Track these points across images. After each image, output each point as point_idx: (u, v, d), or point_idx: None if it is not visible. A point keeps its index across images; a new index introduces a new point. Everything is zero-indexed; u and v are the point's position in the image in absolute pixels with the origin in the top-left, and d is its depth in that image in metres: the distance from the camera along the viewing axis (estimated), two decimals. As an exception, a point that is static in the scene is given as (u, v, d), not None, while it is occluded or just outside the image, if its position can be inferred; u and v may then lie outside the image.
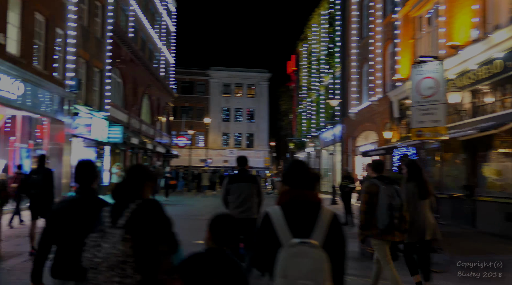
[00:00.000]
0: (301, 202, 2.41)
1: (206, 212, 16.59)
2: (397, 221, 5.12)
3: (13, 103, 14.29)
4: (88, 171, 3.23)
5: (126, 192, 2.67)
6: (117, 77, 26.82)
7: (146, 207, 2.61)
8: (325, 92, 31.84)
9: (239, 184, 6.65)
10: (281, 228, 2.33)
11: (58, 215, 3.09)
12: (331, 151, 30.23)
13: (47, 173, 8.45)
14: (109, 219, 2.55)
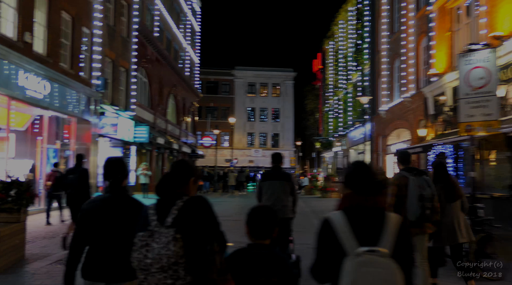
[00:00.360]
0: (366, 208, 2.25)
1: (234, 212, 16.18)
2: (429, 211, 4.95)
3: (40, 103, 14.19)
4: (118, 168, 3.07)
5: (171, 188, 2.56)
6: (142, 77, 26.72)
7: (193, 203, 2.50)
8: (353, 90, 31.08)
9: (272, 181, 6.41)
10: (345, 235, 2.16)
11: (89, 215, 2.96)
12: (360, 150, 29.46)
13: (83, 173, 8.55)
14: (155, 216, 2.45)
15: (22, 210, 7.26)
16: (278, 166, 6.56)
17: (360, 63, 28.25)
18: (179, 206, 2.46)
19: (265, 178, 6.56)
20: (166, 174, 2.64)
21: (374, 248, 2.08)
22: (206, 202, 2.56)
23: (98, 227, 2.90)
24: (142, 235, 2.36)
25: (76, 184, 8.34)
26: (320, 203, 21.77)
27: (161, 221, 2.41)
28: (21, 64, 13.08)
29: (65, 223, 12.12)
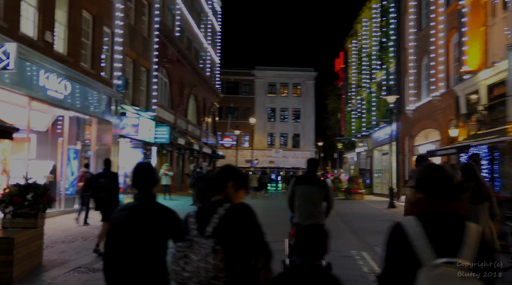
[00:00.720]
0: (443, 214, 2.05)
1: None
2: None
3: (61, 103, 13.98)
4: (148, 174, 2.95)
5: (209, 194, 2.47)
6: (163, 77, 26.50)
7: (236, 212, 2.37)
8: (377, 89, 30.29)
9: (306, 186, 6.11)
10: (421, 243, 1.97)
11: (119, 224, 2.85)
12: (384, 151, 28.67)
13: (113, 176, 8.79)
14: (195, 225, 2.35)
15: (39, 214, 6.92)
16: (313, 171, 6.32)
17: (385, 61, 27.48)
18: (220, 214, 2.33)
19: (299, 182, 6.22)
20: (208, 179, 2.55)
21: (453, 259, 1.89)
22: (250, 210, 2.41)
23: (127, 237, 2.79)
24: (181, 245, 2.24)
25: (108, 187, 8.55)
26: (344, 205, 21.13)
27: (201, 231, 2.30)
28: (42, 64, 12.87)
29: (90, 225, 12.18)
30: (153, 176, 2.97)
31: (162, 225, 2.74)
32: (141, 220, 2.79)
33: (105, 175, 8.79)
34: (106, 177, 8.72)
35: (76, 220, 12.46)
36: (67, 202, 15.11)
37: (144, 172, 2.96)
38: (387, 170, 28.18)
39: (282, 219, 12.84)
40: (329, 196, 6.18)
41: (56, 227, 11.54)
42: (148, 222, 2.78)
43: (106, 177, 8.70)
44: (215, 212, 2.33)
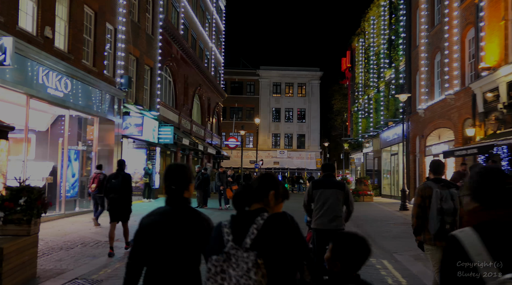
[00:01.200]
0: (506, 224, 1.80)
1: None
2: (449, 226, 4.79)
3: (61, 101, 13.40)
4: (181, 176, 2.66)
5: (248, 202, 2.29)
6: (167, 76, 25.92)
7: (277, 222, 2.17)
8: (385, 88, 29.60)
9: (325, 190, 5.95)
10: (482, 259, 1.73)
11: (147, 232, 2.58)
12: (394, 151, 27.98)
13: (125, 178, 8.76)
14: (230, 236, 2.14)
15: (32, 221, 6.31)
16: (330, 174, 6.15)
17: (394, 59, 26.80)
18: (259, 224, 2.14)
19: (317, 186, 6.03)
20: (244, 186, 2.38)
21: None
22: (291, 221, 2.21)
23: (157, 246, 2.54)
24: (216, 258, 2.05)
25: (119, 189, 8.62)
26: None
27: (238, 242, 2.10)
28: (41, 61, 12.30)
29: (100, 227, 12.01)
30: (185, 178, 2.67)
31: (196, 234, 2.50)
32: (172, 227, 2.53)
33: (117, 176, 8.78)
34: (118, 178, 8.72)
35: (94, 220, 12.36)
36: (68, 205, 14.54)
37: (176, 173, 2.67)
38: (396, 171, 27.49)
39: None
40: (350, 200, 6.02)
41: (54, 231, 10.95)
42: (180, 230, 2.52)
43: (119, 178, 8.70)
44: (253, 222, 2.14)
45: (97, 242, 9.67)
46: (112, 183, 8.73)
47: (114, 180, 8.75)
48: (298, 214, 5.70)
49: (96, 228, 11.96)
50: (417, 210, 5.08)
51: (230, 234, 2.14)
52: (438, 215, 4.81)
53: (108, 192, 8.78)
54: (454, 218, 4.83)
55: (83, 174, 16.59)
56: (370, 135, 34.44)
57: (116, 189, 8.63)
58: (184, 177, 2.66)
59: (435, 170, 5.17)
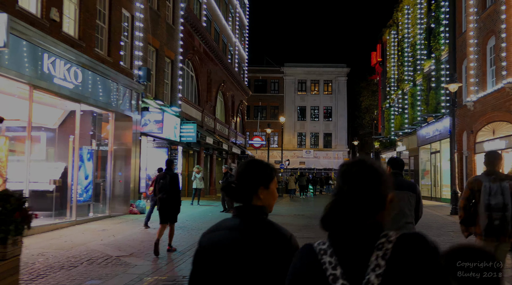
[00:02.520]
0: None
1: (302, 224, 13.20)
2: (498, 222, 4.56)
3: (69, 93, 11.84)
4: (254, 176, 1.90)
5: (361, 216, 1.40)
6: (189, 71, 24.32)
7: (412, 248, 1.36)
8: (423, 81, 27.37)
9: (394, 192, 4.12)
10: None
11: (209, 253, 1.83)
12: (434, 150, 25.75)
13: (173, 177, 8.69)
14: (337, 269, 1.36)
15: (9, 240, 4.65)
16: (399, 173, 5.05)
17: (435, 49, 24.58)
18: (385, 250, 1.34)
19: None
20: (347, 188, 1.44)
21: None
22: (433, 245, 1.38)
23: (223, 272, 1.80)
24: None
25: (168, 189, 8.58)
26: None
27: (353, 280, 1.33)
28: (46, 46, 10.76)
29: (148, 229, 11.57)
30: (257, 177, 1.89)
31: (274, 261, 1.73)
32: (241, 249, 1.77)
33: (166, 176, 8.71)
34: (166, 178, 8.67)
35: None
36: (80, 210, 13.00)
37: (249, 172, 1.90)
38: (437, 171, 25.27)
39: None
40: (421, 204, 5.00)
41: (60, 243, 9.35)
42: (251, 253, 1.76)
43: (166, 178, 8.65)
44: (374, 247, 1.34)
45: (107, 257, 8.02)
46: (161, 183, 8.65)
47: (162, 180, 8.66)
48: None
49: (142, 230, 10.36)
50: (464, 203, 4.92)
51: (337, 265, 1.36)
52: (485, 211, 4.63)
53: (157, 193, 8.71)
54: (504, 213, 4.60)
55: (98, 176, 15.08)
56: (405, 132, 32.21)
57: (165, 189, 8.58)
58: (254, 176, 1.89)
59: (489, 161, 4.77)
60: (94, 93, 13.12)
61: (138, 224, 12.71)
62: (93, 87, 13.10)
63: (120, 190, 15.48)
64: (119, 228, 11.72)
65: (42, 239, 9.71)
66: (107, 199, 14.61)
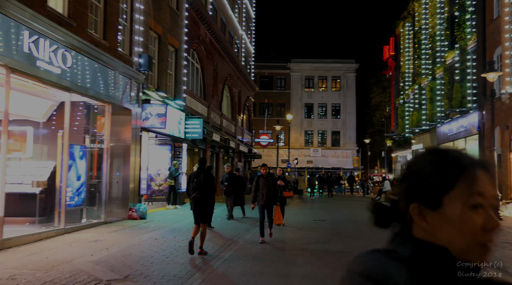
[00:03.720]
0: None
1: (325, 236, 11.40)
2: None
3: (56, 80, 10.07)
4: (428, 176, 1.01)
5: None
6: (195, 62, 22.54)
7: None
8: (444, 74, 25.51)
9: None
10: None
11: None
12: (459, 147, 23.89)
13: (207, 176, 8.53)
14: None
15: None
16: None
17: (460, 39, 22.72)
18: None
19: None
20: None
21: None
22: None
23: None
24: None
25: (202, 188, 8.45)
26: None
27: None
28: (27, 22, 8.99)
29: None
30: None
31: None
32: None
33: (199, 175, 8.58)
34: (199, 177, 8.55)
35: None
36: (70, 216, 11.25)
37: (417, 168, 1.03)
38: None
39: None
40: None
41: (40, 260, 7.57)
42: None
43: (200, 177, 8.54)
44: None
45: (96, 283, 6.25)
46: (195, 182, 8.51)
47: (196, 179, 8.53)
48: None
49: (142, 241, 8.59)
50: None
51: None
52: None
53: (191, 192, 8.53)
54: None
55: (93, 177, 13.33)
56: (422, 130, 30.35)
57: (199, 188, 8.43)
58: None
59: None
60: (87, 81, 11.35)
61: (137, 232, 10.95)
62: (86, 74, 11.33)
63: (117, 192, 13.73)
64: (115, 238, 9.96)
65: (18, 254, 7.94)
66: (103, 202, 12.85)
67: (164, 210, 16.50)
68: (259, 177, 10.23)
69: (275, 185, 10.25)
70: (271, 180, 10.13)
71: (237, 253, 8.58)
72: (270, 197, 9.98)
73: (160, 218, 14.13)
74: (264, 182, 10.01)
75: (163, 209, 16.66)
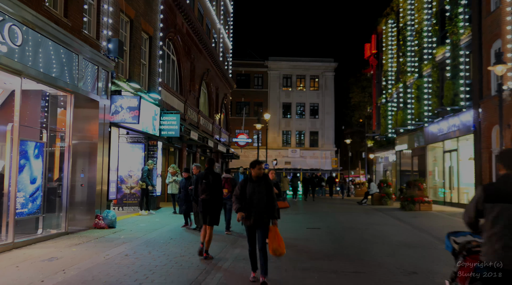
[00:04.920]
0: None
1: (327, 249, 9.83)
2: None
3: (3, 60, 8.16)
4: None
5: None
6: (170, 53, 20.70)
7: None
8: (433, 71, 24.42)
9: (508, 205, 3.30)
10: None
11: None
12: (449, 148, 22.83)
13: (217, 178, 8.31)
14: None
15: None
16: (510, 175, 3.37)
17: (451, 34, 21.62)
18: None
19: (494, 198, 3.37)
20: None
21: None
22: None
23: None
24: None
25: (212, 190, 8.16)
26: (422, 220, 15.34)
27: None
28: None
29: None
30: None
31: None
32: None
33: (208, 176, 8.23)
34: (208, 177, 8.20)
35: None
36: (22, 226, 9.35)
37: None
38: (453, 172, 22.35)
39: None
40: None
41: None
42: None
43: (209, 178, 8.20)
44: None
45: None
46: (204, 183, 8.25)
47: (205, 180, 8.26)
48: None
49: (110, 259, 6.74)
50: None
51: None
52: None
53: (200, 193, 8.26)
54: None
55: (53, 179, 11.41)
56: (407, 130, 29.29)
57: (209, 190, 8.17)
58: None
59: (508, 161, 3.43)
60: (43, 65, 9.45)
61: (104, 245, 9.11)
62: (42, 57, 9.43)
63: (82, 196, 11.83)
64: (76, 255, 8.12)
65: None
66: (64, 209, 10.93)
67: (136, 216, 14.65)
68: (246, 180, 6.58)
69: (271, 194, 6.44)
70: (265, 186, 6.42)
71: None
72: (262, 211, 6.31)
73: (132, 226, 12.30)
74: (254, 189, 6.39)
75: (135, 215, 14.80)
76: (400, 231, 12.51)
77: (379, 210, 20.64)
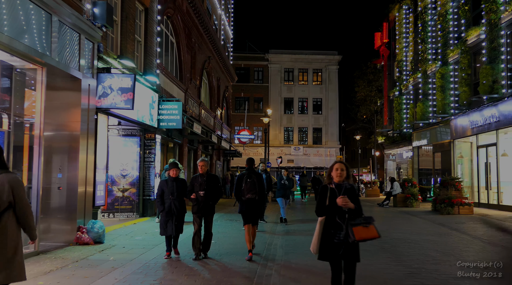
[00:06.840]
0: None
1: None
2: None
3: None
4: None
5: None
6: (169, 34, 17.94)
7: None
8: (462, 57, 21.83)
9: None
10: None
11: None
12: (485, 142, 20.23)
13: (260, 177, 8.19)
14: None
15: None
16: None
17: (489, 12, 19.01)
18: None
19: None
20: None
21: None
22: None
23: None
24: None
25: (257, 189, 8.04)
26: (473, 227, 12.71)
27: None
28: None
29: None
30: None
31: None
32: None
33: (251, 175, 8.08)
34: (251, 177, 8.06)
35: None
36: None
37: None
38: (489, 170, 19.78)
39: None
40: None
41: None
42: None
43: (252, 177, 8.05)
44: None
45: None
46: (249, 182, 7.96)
47: (250, 179, 7.99)
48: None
49: None
50: None
51: None
52: None
53: (246, 193, 7.95)
54: None
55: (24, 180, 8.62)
56: (428, 123, 26.68)
57: (254, 189, 7.95)
58: None
59: None
60: (3, 23, 6.71)
61: (86, 273, 6.40)
62: (5, 15, 6.69)
63: (59, 202, 9.13)
64: None
65: None
66: (34, 219, 8.17)
67: (130, 225, 11.91)
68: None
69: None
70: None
71: None
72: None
73: (125, 240, 9.59)
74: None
75: (129, 224, 12.07)
76: (467, 244, 9.86)
77: (408, 213, 18.03)
